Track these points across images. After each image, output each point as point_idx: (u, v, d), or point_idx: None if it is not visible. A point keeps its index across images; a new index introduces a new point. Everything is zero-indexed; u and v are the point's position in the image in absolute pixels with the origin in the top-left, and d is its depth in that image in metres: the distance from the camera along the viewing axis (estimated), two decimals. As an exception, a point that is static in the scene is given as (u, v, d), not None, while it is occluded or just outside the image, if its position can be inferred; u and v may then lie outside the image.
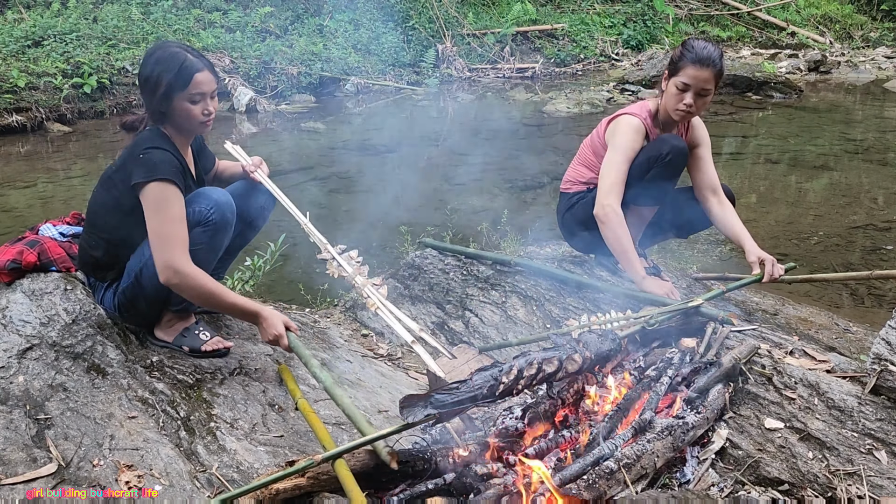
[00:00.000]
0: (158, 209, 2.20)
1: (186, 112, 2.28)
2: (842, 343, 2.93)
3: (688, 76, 2.79)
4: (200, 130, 2.40)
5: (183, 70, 2.23)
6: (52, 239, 2.77)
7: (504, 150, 7.71)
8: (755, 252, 2.88)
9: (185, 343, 2.46)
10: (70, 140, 8.20)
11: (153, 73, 2.25)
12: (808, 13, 15.45)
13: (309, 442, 2.15)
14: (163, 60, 2.25)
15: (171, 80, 2.23)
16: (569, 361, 2.17)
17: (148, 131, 2.33)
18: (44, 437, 2.03)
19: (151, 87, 2.26)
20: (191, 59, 2.26)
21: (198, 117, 2.30)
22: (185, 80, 2.24)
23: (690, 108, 2.83)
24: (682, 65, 2.81)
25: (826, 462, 1.97)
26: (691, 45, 2.82)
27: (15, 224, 5.35)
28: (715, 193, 3.06)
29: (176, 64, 2.23)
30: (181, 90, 2.24)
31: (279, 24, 11.59)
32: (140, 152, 2.25)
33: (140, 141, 2.30)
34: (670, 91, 2.86)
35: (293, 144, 8.08)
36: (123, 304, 2.42)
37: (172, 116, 2.30)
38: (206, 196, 2.32)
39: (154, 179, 2.20)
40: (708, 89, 2.81)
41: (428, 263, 3.43)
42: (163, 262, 2.18)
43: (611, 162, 2.91)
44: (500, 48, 12.66)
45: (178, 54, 2.25)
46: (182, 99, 2.26)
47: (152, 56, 2.28)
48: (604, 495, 1.79)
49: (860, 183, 6.69)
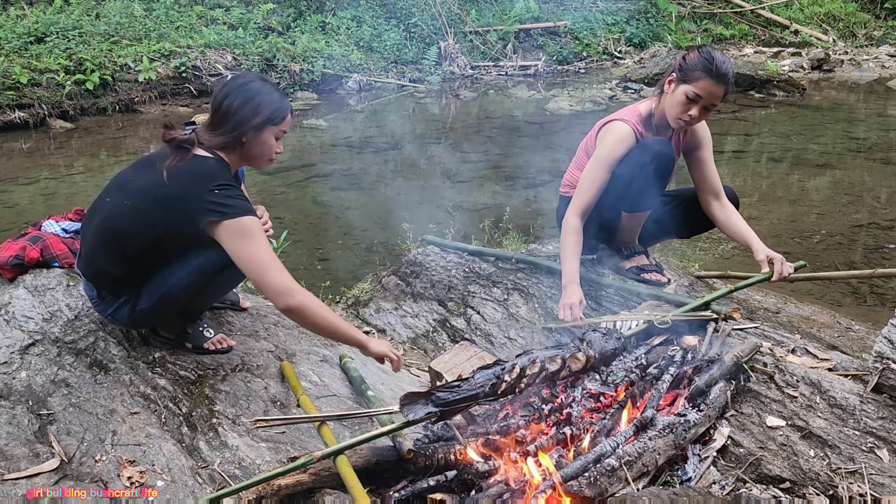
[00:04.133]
0: (251, 237, 2.11)
1: (269, 146, 2.26)
2: (844, 341, 2.92)
3: (702, 89, 2.66)
4: (263, 166, 2.35)
5: (284, 105, 2.24)
6: (54, 235, 2.78)
7: (506, 148, 7.71)
8: (763, 251, 2.80)
9: (189, 340, 2.46)
10: (72, 136, 8.21)
11: (252, 100, 2.19)
12: (811, 11, 15.41)
13: (311, 438, 2.15)
14: (265, 93, 2.21)
15: (272, 112, 2.21)
16: (573, 360, 2.17)
17: (214, 162, 2.19)
18: (46, 433, 2.04)
19: (247, 114, 2.18)
20: (286, 99, 2.27)
21: (271, 154, 2.29)
22: (283, 115, 2.23)
23: (694, 119, 2.74)
24: (697, 75, 2.66)
25: (827, 460, 1.97)
26: (711, 57, 2.66)
27: (17, 220, 5.36)
28: (717, 197, 2.99)
29: (279, 98, 2.23)
30: (276, 124, 2.22)
31: (281, 20, 11.58)
32: (214, 187, 2.12)
33: (210, 172, 2.16)
34: (677, 97, 2.72)
35: (295, 142, 8.08)
36: (140, 321, 2.35)
37: (250, 146, 2.23)
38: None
39: (241, 215, 2.12)
40: (716, 105, 2.73)
41: (430, 261, 3.43)
42: (279, 288, 2.08)
43: (587, 175, 2.88)
44: (503, 46, 12.65)
45: (277, 91, 2.26)
46: (271, 133, 2.23)
47: (250, 85, 2.21)
48: (605, 492, 1.79)
49: (863, 181, 6.68)
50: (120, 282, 2.27)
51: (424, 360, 2.91)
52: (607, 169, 2.84)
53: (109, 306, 2.32)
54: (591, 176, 2.86)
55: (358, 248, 5.00)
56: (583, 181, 2.89)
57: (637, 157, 2.81)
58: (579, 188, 2.89)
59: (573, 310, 2.69)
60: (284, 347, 2.61)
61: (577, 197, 2.88)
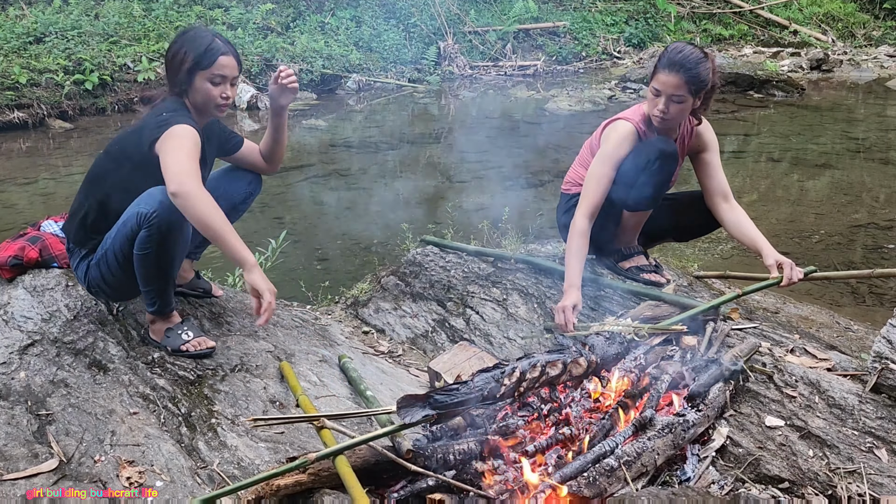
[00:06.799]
0: (178, 138, 2.21)
1: (206, 91, 2.35)
2: (842, 341, 2.93)
3: (658, 81, 2.71)
4: (215, 113, 2.44)
5: (209, 50, 2.33)
6: (53, 235, 2.78)
7: (505, 148, 7.71)
8: (773, 255, 2.77)
9: (168, 343, 2.45)
10: (71, 137, 8.20)
11: (181, 49, 2.34)
12: (810, 11, 15.42)
13: (310, 438, 2.15)
14: (191, 39, 2.35)
15: (197, 57, 2.32)
16: (574, 365, 2.17)
17: (170, 100, 2.38)
18: (45, 433, 2.03)
19: (178, 63, 2.34)
20: (218, 42, 2.36)
21: (215, 99, 2.37)
22: (210, 59, 2.32)
23: (665, 113, 2.73)
24: (655, 70, 2.73)
25: (826, 460, 1.97)
26: (666, 50, 2.73)
27: (16, 220, 5.35)
28: (726, 199, 2.98)
29: (203, 43, 2.33)
30: (204, 69, 2.32)
31: (281, 21, 11.58)
32: (161, 113, 2.30)
33: (161, 106, 2.35)
34: (648, 96, 2.79)
35: (294, 142, 8.07)
36: (93, 279, 2.40)
37: (192, 94, 2.37)
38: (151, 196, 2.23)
39: (177, 124, 2.25)
40: (680, 95, 2.69)
41: (429, 261, 3.44)
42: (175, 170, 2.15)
43: (592, 173, 2.87)
44: (502, 46, 12.65)
45: (207, 36, 2.37)
46: (203, 78, 2.33)
47: (183, 35, 2.39)
48: (604, 492, 1.79)
49: (862, 182, 6.69)
50: (88, 227, 2.41)
51: (423, 360, 2.91)
52: (612, 166, 2.85)
53: (75, 259, 2.46)
54: (596, 174, 2.86)
55: (357, 248, 5.00)
56: (588, 181, 2.88)
57: (641, 154, 2.81)
58: (586, 189, 2.88)
59: (566, 313, 2.65)
60: (283, 348, 2.61)
61: (584, 198, 2.86)
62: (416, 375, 2.78)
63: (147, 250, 2.25)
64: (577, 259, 2.79)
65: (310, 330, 2.89)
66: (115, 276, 2.36)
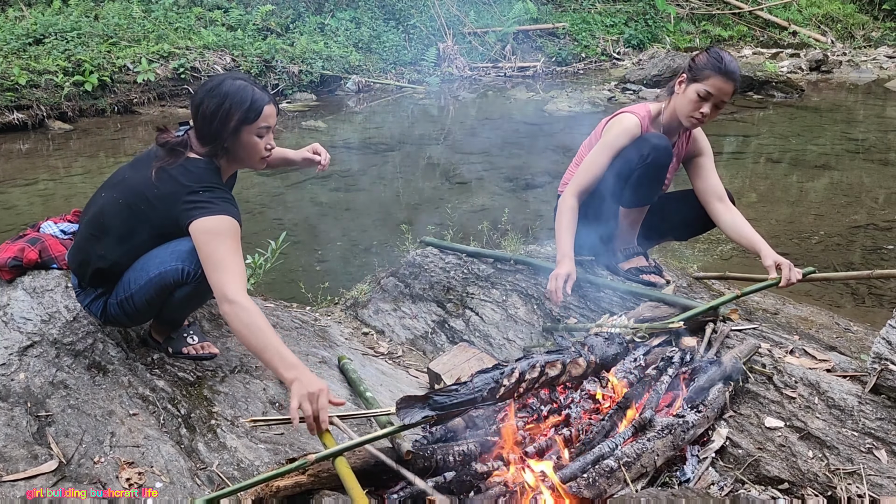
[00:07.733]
0: (219, 235, 2.08)
1: (252, 146, 2.22)
2: (842, 342, 2.93)
3: (712, 86, 2.73)
4: (258, 166, 2.32)
5: (255, 102, 2.17)
6: (53, 236, 2.78)
7: (505, 149, 7.71)
8: (772, 256, 2.78)
9: (171, 345, 2.45)
10: (71, 138, 8.20)
11: (223, 103, 2.16)
12: (809, 12, 15.44)
13: (310, 440, 2.15)
14: (234, 93, 2.16)
15: (244, 112, 2.16)
16: (573, 365, 2.17)
17: (204, 164, 2.21)
18: (45, 435, 2.03)
19: (221, 119, 2.16)
20: (258, 91, 2.20)
21: (261, 152, 2.24)
22: (256, 112, 2.17)
23: (706, 117, 2.78)
24: (707, 73, 2.74)
25: (826, 461, 1.97)
26: (720, 56, 2.76)
27: (16, 222, 5.35)
28: (721, 200, 3.00)
29: (247, 96, 2.17)
30: (250, 123, 2.18)
31: (280, 22, 11.58)
32: (200, 188, 2.13)
33: (198, 175, 2.17)
34: (689, 96, 2.78)
35: (294, 143, 8.07)
36: (111, 318, 2.36)
37: (235, 151, 2.23)
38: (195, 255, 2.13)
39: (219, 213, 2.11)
40: (726, 102, 2.79)
41: (429, 262, 3.44)
42: (223, 291, 2.01)
43: (589, 158, 2.93)
44: (502, 47, 12.66)
45: (247, 88, 2.19)
46: (250, 132, 2.19)
47: (220, 87, 2.18)
48: (604, 493, 1.79)
49: (861, 183, 6.69)
50: (105, 276, 2.31)
51: (423, 361, 2.91)
52: (609, 155, 2.89)
53: (87, 296, 2.37)
54: (592, 159, 2.92)
55: (357, 249, 5.00)
56: (583, 164, 2.95)
57: (636, 148, 2.85)
58: (579, 170, 2.95)
59: (557, 280, 2.71)
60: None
61: (575, 178, 2.93)
62: (416, 376, 2.78)
63: (188, 298, 2.27)
64: (567, 232, 2.85)
65: (309, 331, 2.89)
66: (140, 313, 2.31)
